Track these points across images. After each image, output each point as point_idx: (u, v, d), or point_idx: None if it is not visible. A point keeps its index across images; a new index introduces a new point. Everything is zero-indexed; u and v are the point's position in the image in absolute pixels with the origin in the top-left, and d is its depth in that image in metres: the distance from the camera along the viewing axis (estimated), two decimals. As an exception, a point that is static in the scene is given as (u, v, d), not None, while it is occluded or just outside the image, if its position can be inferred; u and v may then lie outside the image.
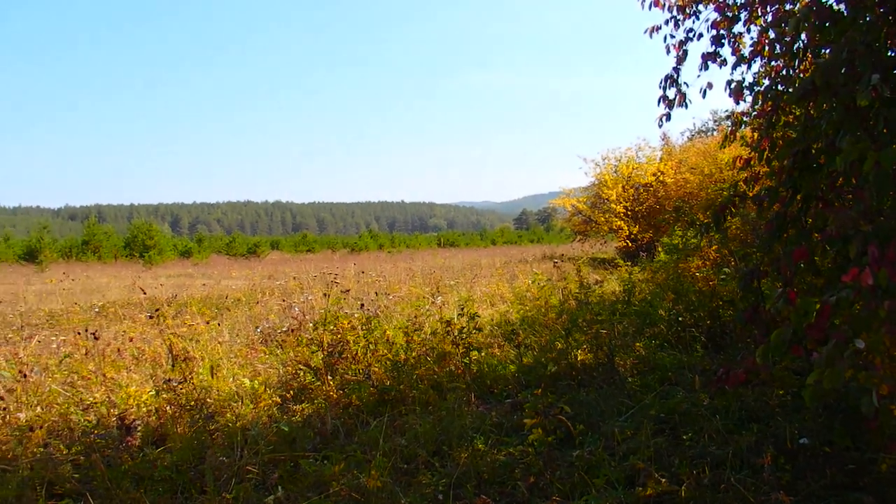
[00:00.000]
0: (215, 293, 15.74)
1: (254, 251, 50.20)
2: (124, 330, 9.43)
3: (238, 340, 8.37)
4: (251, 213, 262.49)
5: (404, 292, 12.55)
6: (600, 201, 24.44)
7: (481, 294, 12.08)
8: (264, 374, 6.48)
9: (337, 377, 5.69)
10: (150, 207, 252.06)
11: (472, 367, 6.02)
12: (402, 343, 6.03)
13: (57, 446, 4.52)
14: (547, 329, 7.15)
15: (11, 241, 47.18)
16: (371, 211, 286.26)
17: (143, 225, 44.57)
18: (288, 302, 10.04)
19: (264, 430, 4.30)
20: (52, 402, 5.92)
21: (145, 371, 7.22)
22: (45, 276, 28.57)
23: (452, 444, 4.28)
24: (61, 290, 18.86)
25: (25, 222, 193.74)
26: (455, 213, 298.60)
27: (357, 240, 68.05)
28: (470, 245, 65.66)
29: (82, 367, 7.19)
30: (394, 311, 9.62)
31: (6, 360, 7.21)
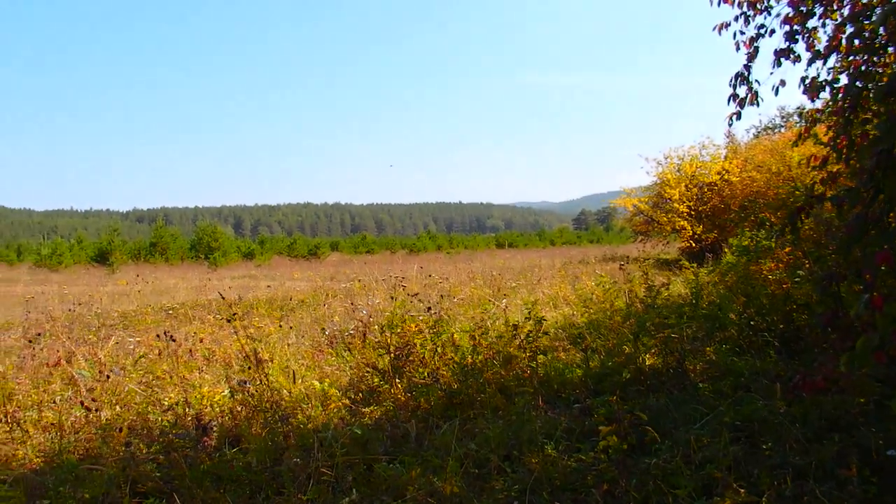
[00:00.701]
0: (279, 295, 16.03)
1: (314, 252, 50.92)
2: (194, 331, 9.66)
3: (304, 342, 8.50)
4: (311, 214, 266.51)
5: (466, 294, 12.57)
6: (662, 201, 24.07)
7: (543, 296, 12.01)
8: (332, 376, 6.57)
9: (404, 380, 5.74)
10: (213, 210, 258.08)
11: (539, 370, 5.99)
12: (469, 346, 6.04)
13: (137, 445, 4.66)
14: (613, 333, 7.07)
15: (84, 244, 48.86)
16: (429, 212, 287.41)
17: (208, 227, 45.65)
18: (352, 304, 10.13)
19: (337, 433, 4.35)
20: (130, 401, 6.12)
21: (217, 371, 7.40)
22: (116, 278, 29.54)
23: (523, 448, 4.26)
24: (132, 292, 19.49)
25: (96, 224, 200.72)
26: (513, 214, 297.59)
27: (416, 241, 68.44)
28: (528, 246, 65.34)
29: (156, 367, 7.42)
30: (457, 314, 9.64)
31: (86, 360, 7.48)
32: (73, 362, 7.45)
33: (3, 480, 4.03)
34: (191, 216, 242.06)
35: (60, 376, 6.95)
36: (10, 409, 5.78)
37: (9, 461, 4.70)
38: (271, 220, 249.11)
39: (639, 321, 6.40)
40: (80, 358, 7.65)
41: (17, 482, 3.95)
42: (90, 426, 5.25)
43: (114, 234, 43.87)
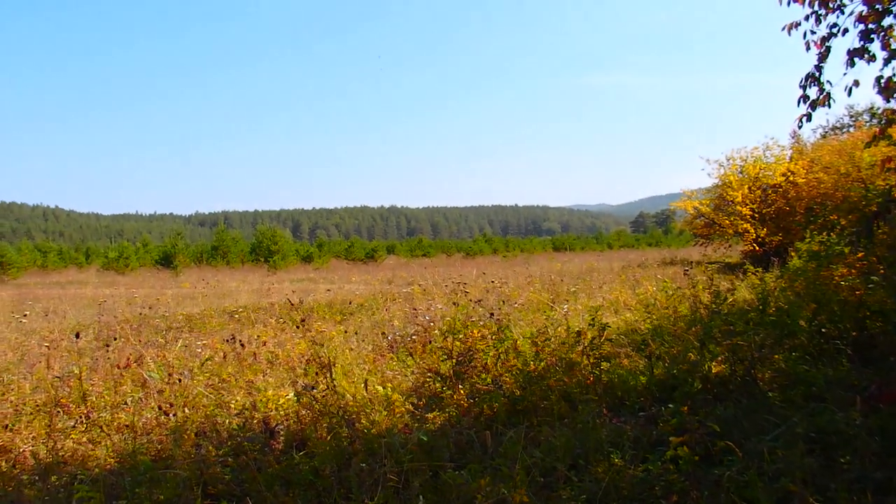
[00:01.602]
0: (339, 298, 16.20)
1: (371, 256, 51.38)
2: (257, 335, 9.83)
3: (365, 346, 8.56)
4: (367, 217, 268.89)
5: (524, 299, 12.51)
6: (724, 203, 23.55)
7: (603, 301, 11.87)
8: (394, 380, 6.60)
9: (467, 386, 5.73)
10: (272, 213, 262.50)
11: (603, 377, 5.92)
12: (531, 353, 6.00)
13: (207, 447, 4.77)
14: (677, 339, 6.94)
15: (150, 247, 50.29)
16: (484, 214, 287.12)
17: (268, 231, 46.43)
18: (412, 308, 10.19)
19: (402, 439, 4.37)
20: (198, 403, 6.25)
21: (280, 375, 7.52)
22: (179, 280, 30.26)
23: (589, 457, 4.22)
24: (196, 295, 19.95)
25: (160, 228, 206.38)
26: (569, 217, 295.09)
27: (472, 244, 68.52)
28: (585, 249, 64.76)
29: (222, 370, 7.58)
30: (517, 319, 9.60)
31: (155, 363, 7.69)
32: (142, 364, 7.67)
33: (82, 480, 4.16)
34: (250, 220, 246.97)
35: (131, 378, 7.15)
36: (84, 410, 5.98)
37: (85, 461, 4.86)
38: (328, 224, 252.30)
39: (704, 328, 6.27)
40: (149, 360, 7.87)
41: (95, 482, 4.08)
42: (161, 428, 5.39)
43: (177, 237, 45.03)
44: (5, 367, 7.76)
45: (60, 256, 51.39)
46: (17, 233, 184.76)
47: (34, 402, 6.23)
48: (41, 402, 6.22)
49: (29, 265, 42.65)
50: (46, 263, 46.63)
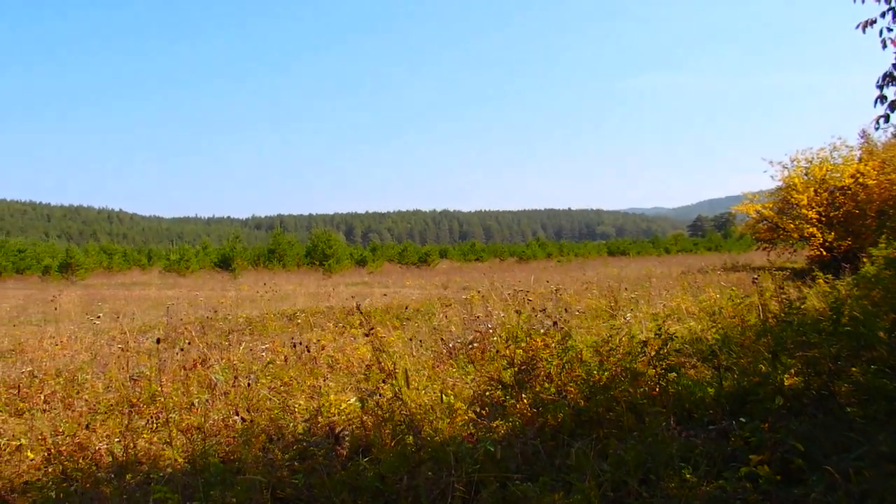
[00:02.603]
0: (395, 303, 16.27)
1: (424, 260, 51.54)
2: (316, 338, 9.93)
3: (425, 352, 8.57)
4: (419, 221, 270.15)
5: (583, 305, 12.37)
6: (789, 206, 22.92)
7: (664, 308, 11.66)
8: (455, 388, 6.58)
9: (530, 395, 5.67)
10: (326, 217, 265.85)
11: (669, 389, 5.79)
12: (594, 362, 5.91)
13: (274, 451, 4.82)
14: (746, 350, 6.75)
15: (209, 250, 51.43)
16: (537, 218, 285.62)
17: (323, 235, 46.99)
18: (470, 314, 10.16)
19: (468, 448, 4.34)
20: (262, 406, 6.34)
21: (340, 379, 7.57)
22: (238, 283, 30.79)
23: (660, 472, 4.12)
24: (254, 297, 20.28)
25: (218, 231, 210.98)
26: (624, 220, 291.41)
27: (525, 248, 68.22)
28: (642, 254, 63.83)
29: (284, 373, 7.67)
30: (576, 326, 9.49)
31: (219, 365, 7.84)
32: (207, 366, 7.82)
33: (157, 480, 4.25)
34: (304, 223, 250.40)
35: (197, 379, 7.29)
36: (155, 411, 6.11)
37: (157, 460, 4.96)
38: (381, 228, 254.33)
39: (776, 338, 6.08)
40: (213, 362, 8.03)
41: (170, 482, 4.16)
42: (229, 430, 5.47)
43: (236, 241, 45.94)
44: (80, 367, 8.00)
45: (125, 258, 52.95)
46: (83, 235, 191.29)
47: (107, 402, 6.41)
48: (114, 402, 6.40)
49: (95, 266, 44.03)
50: (112, 265, 48.09)
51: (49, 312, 16.79)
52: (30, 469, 4.82)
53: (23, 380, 7.22)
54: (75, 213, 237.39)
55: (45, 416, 6.11)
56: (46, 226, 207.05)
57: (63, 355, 9.21)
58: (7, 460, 4.87)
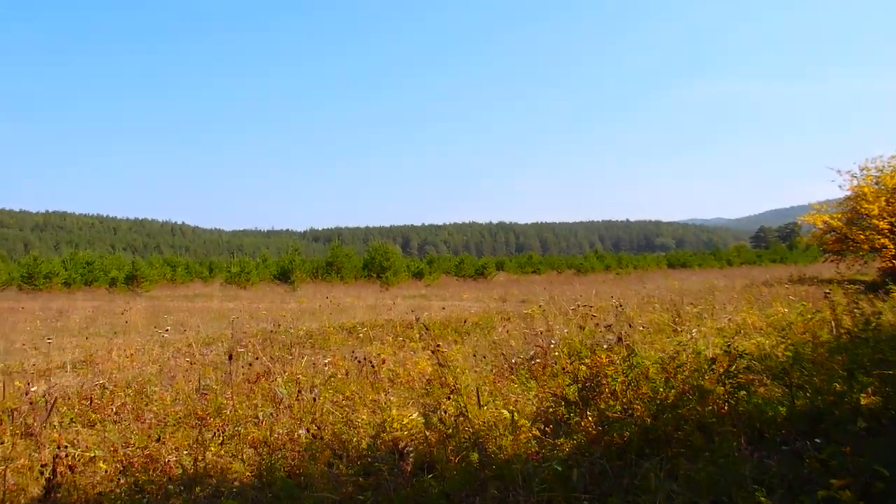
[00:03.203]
0: (453, 316, 16.26)
1: (481, 272, 51.46)
2: (376, 352, 9.97)
3: (484, 366, 8.52)
4: (476, 233, 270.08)
5: (645, 319, 12.16)
6: (858, 217, 22.21)
7: (729, 322, 11.38)
8: (517, 403, 6.52)
9: (594, 412, 5.58)
10: (382, 229, 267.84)
11: (739, 407, 5.63)
12: (661, 379, 5.79)
13: (338, 466, 4.84)
14: (818, 367, 6.53)
15: (269, 262, 52.31)
16: (594, 230, 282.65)
17: (381, 247, 47.35)
18: (530, 328, 10.08)
19: (534, 466, 4.29)
20: (325, 421, 6.38)
21: (401, 393, 7.58)
22: (297, 295, 31.22)
23: (733, 494, 4.00)
24: (314, 310, 20.54)
25: (276, 243, 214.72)
26: (683, 232, 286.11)
27: (582, 260, 67.59)
28: (703, 266, 62.55)
29: (346, 387, 7.72)
30: (638, 341, 9.33)
31: (282, 378, 7.93)
32: (271, 379, 7.92)
33: (225, 493, 4.30)
34: (361, 235, 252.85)
35: (261, 392, 7.39)
36: (221, 424, 6.21)
37: (225, 474, 5.03)
38: (437, 240, 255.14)
39: (851, 355, 5.87)
40: (276, 375, 8.13)
41: (238, 496, 4.21)
42: (293, 444, 5.52)
43: (295, 253, 46.64)
44: (148, 379, 8.20)
45: (187, 270, 54.27)
46: (147, 247, 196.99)
47: (175, 414, 6.54)
48: (182, 414, 6.53)
49: (159, 278, 45.21)
50: (175, 277, 49.35)
51: (117, 324, 17.32)
52: (103, 480, 4.94)
53: (95, 391, 7.43)
54: (140, 226, 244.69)
55: (116, 428, 6.27)
56: (113, 238, 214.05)
57: (132, 367, 9.46)
58: (81, 471, 5.00)
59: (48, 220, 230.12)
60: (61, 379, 8.47)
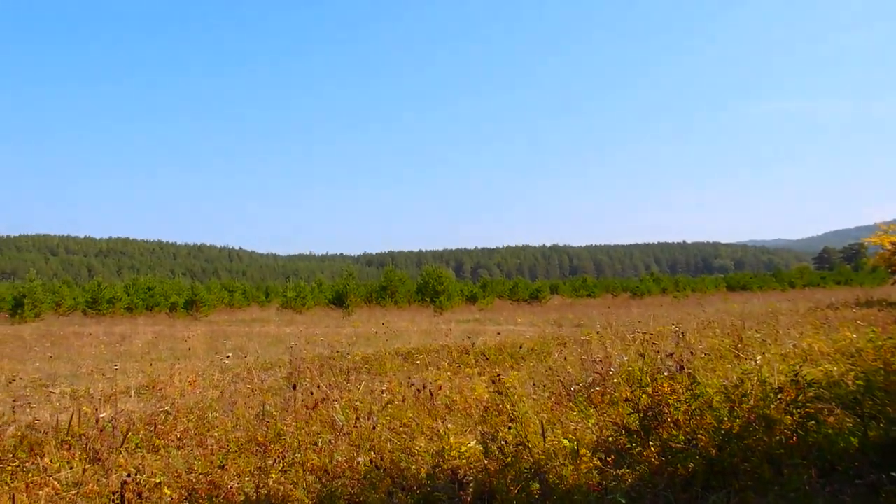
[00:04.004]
0: (508, 341, 16.17)
1: (535, 296, 51.19)
2: (432, 378, 9.95)
3: (540, 393, 8.43)
4: (529, 256, 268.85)
5: (705, 345, 11.89)
6: (928, 239, 21.47)
7: (794, 348, 11.04)
8: (576, 432, 6.42)
9: (657, 442, 5.46)
10: (435, 253, 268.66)
11: (808, 438, 5.44)
12: (725, 408, 5.64)
13: (397, 494, 4.83)
14: (892, 396, 6.26)
15: (324, 287, 52.91)
16: (650, 252, 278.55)
17: (434, 271, 47.42)
18: (588, 355, 9.95)
19: (596, 497, 4.21)
20: (383, 448, 6.38)
21: (458, 420, 7.54)
22: (352, 320, 31.47)
23: (806, 531, 3.86)
24: (369, 335, 20.67)
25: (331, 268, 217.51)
26: (743, 253, 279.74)
27: (638, 283, 66.62)
28: (764, 288, 61.04)
29: (402, 413, 7.71)
30: (699, 367, 9.11)
31: (339, 405, 7.97)
32: (328, 405, 7.97)
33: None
34: (414, 259, 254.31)
35: (319, 419, 7.44)
36: (280, 450, 6.27)
37: (286, 500, 5.07)
38: (490, 263, 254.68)
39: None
40: (334, 402, 8.17)
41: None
42: (353, 472, 5.53)
43: (349, 278, 47.03)
44: (209, 405, 8.34)
45: (244, 295, 55.28)
46: (206, 272, 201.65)
47: (237, 440, 6.63)
48: (243, 440, 6.61)
49: (217, 303, 46.14)
50: (232, 302, 50.32)
51: (177, 349, 17.71)
52: (168, 506, 5.02)
53: (159, 417, 7.58)
54: (199, 252, 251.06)
55: (180, 454, 6.37)
56: (173, 263, 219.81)
57: (193, 392, 9.63)
58: (147, 496, 5.09)
59: (111, 246, 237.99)
60: (126, 404, 8.66)
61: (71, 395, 10.18)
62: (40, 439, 6.75)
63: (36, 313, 34.87)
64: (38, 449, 6.45)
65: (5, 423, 7.58)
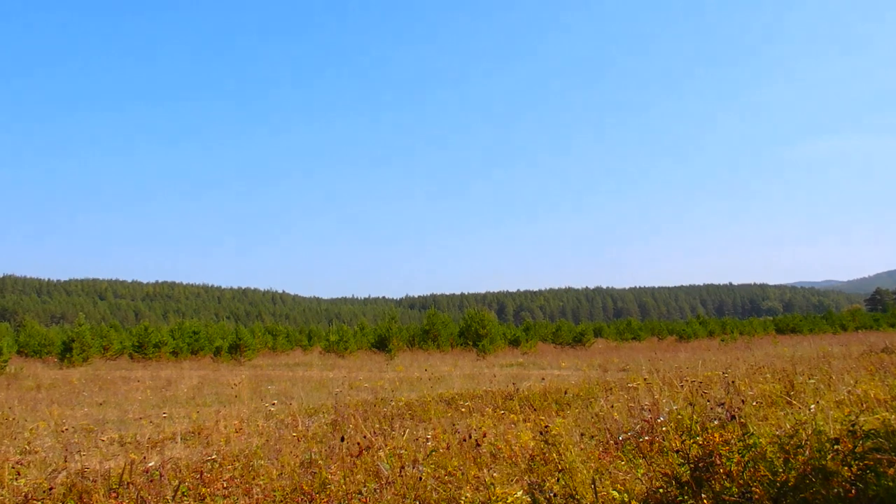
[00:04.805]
0: (553, 386, 15.98)
1: (579, 339, 50.62)
2: (476, 424, 9.86)
3: (587, 441, 8.28)
4: (572, 299, 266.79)
5: (756, 391, 11.60)
6: None
7: (849, 395, 10.70)
8: (626, 483, 6.29)
9: (709, 495, 5.31)
10: (478, 296, 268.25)
11: (868, 491, 5.24)
12: (779, 459, 5.47)
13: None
14: (957, 447, 6.03)
15: (366, 330, 53.13)
16: (696, 294, 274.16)
17: (477, 314, 47.29)
18: (636, 402, 9.77)
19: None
20: (428, 497, 6.31)
21: (504, 469, 7.43)
22: (394, 364, 31.46)
23: (870, 592, 3.69)
24: (411, 379, 20.62)
25: (373, 311, 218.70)
26: (792, 295, 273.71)
27: (684, 326, 65.47)
28: (814, 331, 59.47)
29: (447, 461, 7.63)
30: (751, 414, 8.88)
31: (384, 452, 7.93)
32: (372, 453, 7.93)
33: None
34: (457, 302, 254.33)
35: (364, 466, 7.40)
36: (325, 500, 6.24)
37: (329, 553, 5.02)
38: (533, 306, 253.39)
39: None
40: (378, 449, 8.13)
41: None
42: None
43: (391, 321, 47.16)
44: (254, 452, 8.37)
45: (287, 339, 55.78)
46: (249, 315, 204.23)
47: (282, 489, 6.62)
48: (288, 489, 6.60)
49: (261, 347, 46.59)
50: (276, 345, 50.76)
51: (222, 393, 17.87)
52: (214, 556, 5.01)
53: (205, 465, 7.63)
54: (243, 295, 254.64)
55: (226, 503, 6.39)
56: (217, 307, 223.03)
57: (238, 439, 9.68)
58: (194, 546, 5.10)
59: (158, 290, 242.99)
60: (173, 451, 8.74)
61: (119, 442, 10.32)
62: (89, 487, 6.84)
63: (84, 357, 35.54)
64: (87, 497, 6.52)
65: (55, 471, 7.71)
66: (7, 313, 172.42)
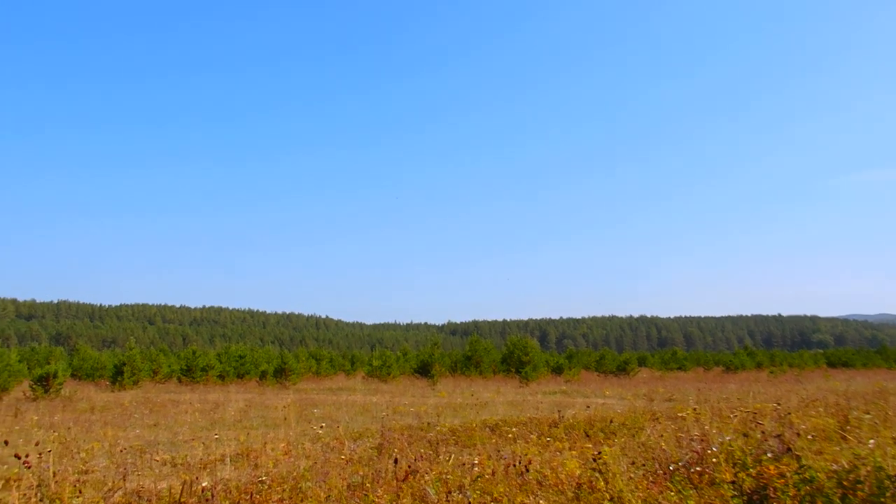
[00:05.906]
0: (597, 415, 15.80)
1: (623, 368, 49.96)
2: (521, 451, 9.80)
3: (637, 471, 8.17)
4: (615, 327, 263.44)
5: (808, 425, 11.32)
6: None
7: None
8: (676, 514, 6.19)
9: (764, 528, 5.22)
10: (520, 323, 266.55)
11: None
12: (836, 494, 5.35)
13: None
14: None
15: (409, 356, 53.16)
16: (743, 325, 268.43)
17: (520, 341, 47.03)
18: (685, 432, 9.62)
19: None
20: (474, 524, 6.30)
21: (549, 496, 7.37)
22: (437, 390, 31.39)
23: None
24: (455, 405, 20.57)
25: (415, 336, 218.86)
26: (843, 327, 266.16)
27: (731, 357, 64.14)
28: (868, 365, 57.69)
29: (493, 488, 7.60)
30: (804, 448, 8.68)
31: (429, 477, 7.94)
32: (418, 478, 7.94)
33: None
34: (499, 329, 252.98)
35: (410, 491, 7.41)
36: (373, 523, 6.27)
37: (379, 577, 5.05)
38: (576, 333, 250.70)
39: None
40: (423, 473, 8.14)
41: None
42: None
43: (434, 347, 47.10)
44: (302, 475, 8.44)
45: (331, 364, 56.05)
46: (293, 340, 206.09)
47: (330, 512, 6.67)
48: (335, 513, 6.65)
49: (305, 372, 46.86)
50: (319, 370, 51.06)
51: (268, 417, 18.05)
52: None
53: (255, 486, 7.72)
54: (287, 320, 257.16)
55: (275, 525, 6.46)
56: (262, 331, 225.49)
57: (286, 461, 9.78)
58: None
59: (205, 314, 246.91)
60: (222, 472, 8.87)
61: (170, 463, 10.50)
62: (144, 506, 6.98)
63: (134, 381, 36.19)
64: (143, 515, 6.66)
65: (111, 490, 7.87)
66: (62, 337, 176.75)
